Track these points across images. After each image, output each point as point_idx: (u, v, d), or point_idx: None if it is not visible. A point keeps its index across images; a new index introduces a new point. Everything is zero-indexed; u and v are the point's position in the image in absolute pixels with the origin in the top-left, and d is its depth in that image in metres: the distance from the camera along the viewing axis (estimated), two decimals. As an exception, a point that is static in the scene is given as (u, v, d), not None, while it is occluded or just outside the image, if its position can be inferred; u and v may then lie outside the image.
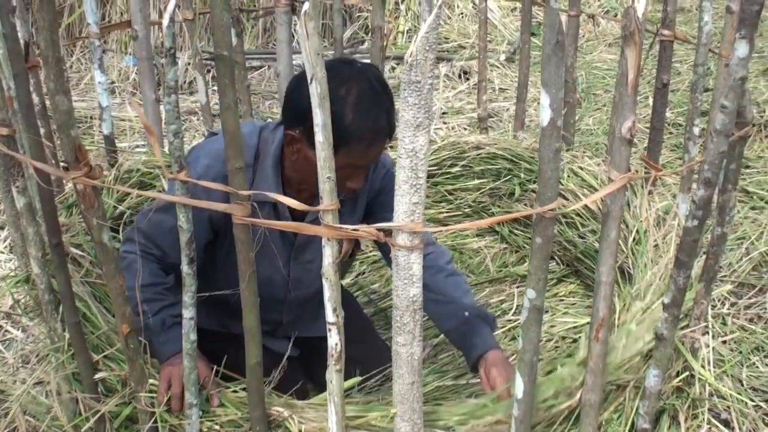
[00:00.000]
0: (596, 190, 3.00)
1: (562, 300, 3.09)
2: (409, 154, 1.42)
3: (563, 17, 3.17)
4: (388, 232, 1.52)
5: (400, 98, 1.40)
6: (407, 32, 6.33)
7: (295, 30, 3.29)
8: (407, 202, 1.46)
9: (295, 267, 2.30)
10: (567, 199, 3.07)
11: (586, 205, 3.03)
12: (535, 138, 4.25)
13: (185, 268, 1.68)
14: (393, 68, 5.86)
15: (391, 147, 2.42)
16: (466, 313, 2.22)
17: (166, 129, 1.52)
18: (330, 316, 1.61)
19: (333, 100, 1.50)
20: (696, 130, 2.65)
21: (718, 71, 2.66)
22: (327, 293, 1.59)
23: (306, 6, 1.28)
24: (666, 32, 2.77)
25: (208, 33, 5.81)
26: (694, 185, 1.95)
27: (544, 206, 1.50)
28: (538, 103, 4.62)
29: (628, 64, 1.48)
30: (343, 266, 2.50)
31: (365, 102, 1.95)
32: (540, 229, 1.55)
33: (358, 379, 2.01)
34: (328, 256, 1.55)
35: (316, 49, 1.34)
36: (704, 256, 2.16)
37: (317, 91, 1.38)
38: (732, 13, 2.45)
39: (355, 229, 1.51)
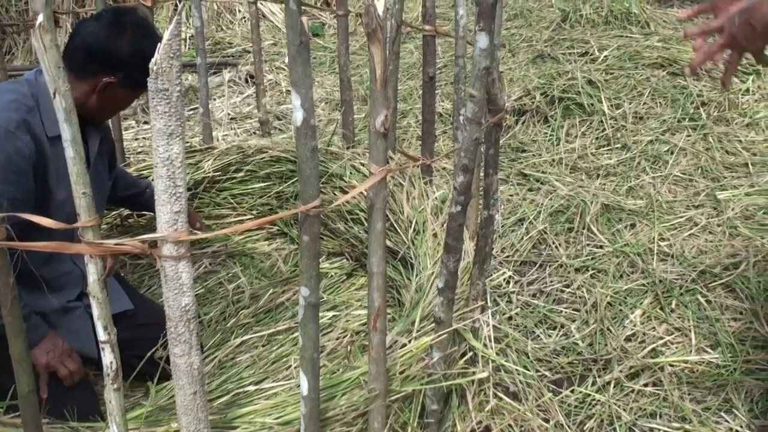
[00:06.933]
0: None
1: (354, 294, 3.15)
2: (165, 163, 1.41)
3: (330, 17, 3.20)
4: (153, 244, 1.50)
5: (150, 107, 1.39)
6: (190, 39, 6.24)
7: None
8: (168, 212, 1.45)
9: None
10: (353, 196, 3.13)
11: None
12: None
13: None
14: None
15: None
16: None
17: None
18: (101, 335, 1.57)
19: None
20: (462, 119, 2.76)
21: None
22: (96, 311, 1.55)
23: (40, 18, 1.25)
24: (427, 27, 2.87)
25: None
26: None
27: (308, 204, 1.53)
28: (324, 102, 4.65)
29: (375, 61, 1.53)
30: None
31: None
32: (306, 227, 1.57)
33: None
34: (93, 273, 1.51)
35: (56, 62, 1.30)
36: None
37: (62, 106, 1.34)
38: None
39: (118, 243, 1.48)
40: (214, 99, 5.39)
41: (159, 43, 2.31)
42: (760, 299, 2.95)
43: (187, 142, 3.52)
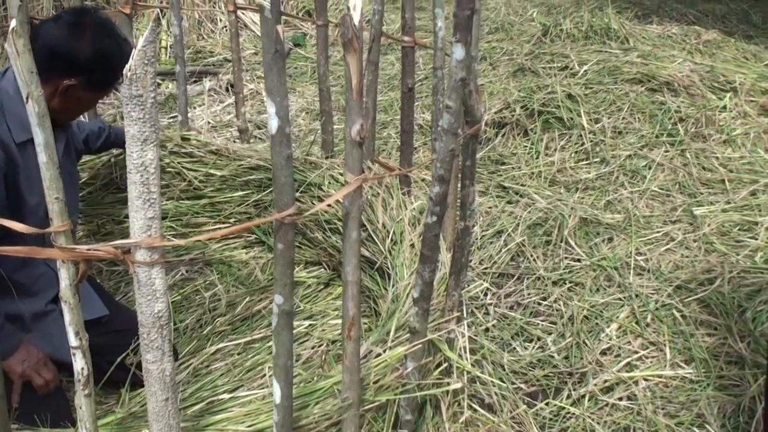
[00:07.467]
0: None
1: (331, 303, 3.15)
2: (138, 169, 1.41)
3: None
4: (127, 250, 1.49)
5: (124, 114, 1.39)
6: (170, 47, 6.22)
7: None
8: (142, 218, 1.44)
9: None
10: (330, 205, 3.13)
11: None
12: (294, 146, 4.32)
13: None
14: (158, 84, 5.75)
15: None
16: None
17: None
18: (73, 340, 1.56)
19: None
20: (439, 130, 2.77)
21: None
22: (67, 317, 1.54)
23: (13, 23, 1.24)
24: (406, 38, 2.88)
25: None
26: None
27: (282, 212, 1.53)
28: (305, 112, 4.66)
29: (351, 70, 1.53)
30: None
31: None
32: (281, 235, 1.57)
33: None
34: (65, 278, 1.50)
35: (29, 67, 1.30)
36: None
37: (35, 110, 1.34)
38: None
39: (91, 249, 1.48)
40: (195, 107, 5.38)
41: (120, 43, 2.33)
42: (734, 315, 2.97)
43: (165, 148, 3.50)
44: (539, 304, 3.23)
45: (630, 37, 5.64)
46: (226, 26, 6.69)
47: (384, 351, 2.16)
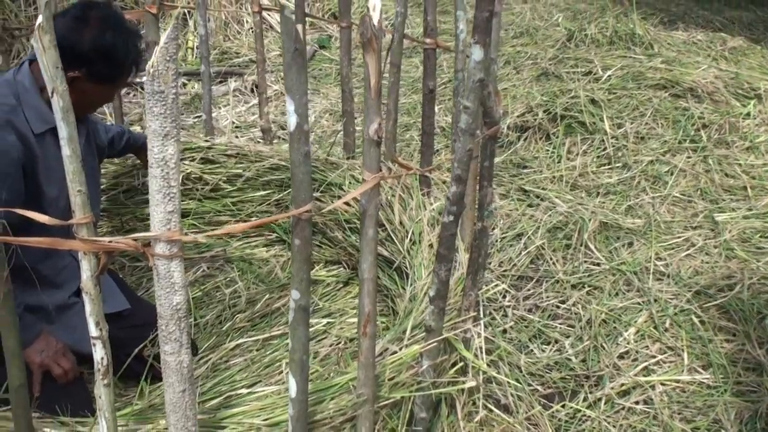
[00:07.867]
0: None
1: (350, 302, 3.17)
2: (159, 163, 1.43)
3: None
4: (147, 243, 1.52)
5: (146, 109, 1.41)
6: (196, 48, 6.27)
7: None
8: (162, 212, 1.47)
9: None
10: (349, 205, 3.16)
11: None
12: (316, 147, 4.35)
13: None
14: (184, 84, 5.81)
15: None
16: None
17: None
18: (93, 331, 1.59)
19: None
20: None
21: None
22: (88, 308, 1.57)
23: (40, 19, 1.28)
24: (428, 41, 2.90)
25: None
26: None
27: (299, 208, 1.55)
28: (328, 113, 4.69)
29: (370, 70, 1.55)
30: None
31: None
32: (298, 231, 1.59)
33: None
34: (86, 270, 1.53)
35: (54, 63, 1.33)
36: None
37: (60, 105, 1.37)
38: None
39: (111, 241, 1.51)
40: (219, 108, 5.43)
41: (126, 37, 2.35)
42: (753, 321, 2.97)
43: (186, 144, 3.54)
44: (558, 307, 3.24)
45: (655, 43, 5.63)
46: (252, 28, 6.73)
47: (400, 349, 2.18)
